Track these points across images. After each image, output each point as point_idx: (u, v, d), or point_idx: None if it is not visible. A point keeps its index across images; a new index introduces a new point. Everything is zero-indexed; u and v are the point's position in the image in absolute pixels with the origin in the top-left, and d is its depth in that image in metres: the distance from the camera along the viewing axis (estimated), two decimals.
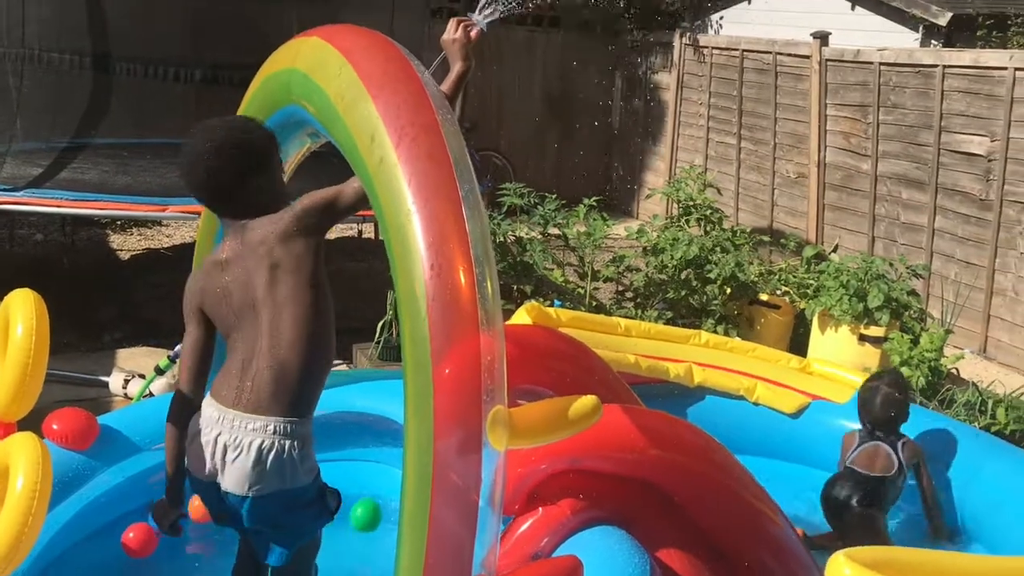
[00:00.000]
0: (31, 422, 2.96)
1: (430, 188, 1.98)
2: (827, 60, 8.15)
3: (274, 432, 2.35)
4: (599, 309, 6.29)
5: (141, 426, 3.46)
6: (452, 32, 2.65)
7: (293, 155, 3.06)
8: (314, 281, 2.40)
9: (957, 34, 8.05)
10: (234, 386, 2.40)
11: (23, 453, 2.07)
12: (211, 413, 2.42)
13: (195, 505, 3.33)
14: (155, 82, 7.07)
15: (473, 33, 2.65)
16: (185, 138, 2.49)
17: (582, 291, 6.58)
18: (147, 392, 4.45)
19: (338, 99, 2.24)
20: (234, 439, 2.36)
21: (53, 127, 7.09)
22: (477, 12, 2.68)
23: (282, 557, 2.48)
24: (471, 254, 1.94)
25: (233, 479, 2.37)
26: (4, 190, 5.80)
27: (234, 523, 2.52)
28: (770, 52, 8.87)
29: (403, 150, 2.02)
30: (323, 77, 2.35)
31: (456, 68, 2.60)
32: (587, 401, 2.10)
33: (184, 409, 2.50)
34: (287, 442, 2.36)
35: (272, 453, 2.35)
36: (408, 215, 1.97)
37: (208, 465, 2.40)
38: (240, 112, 3.12)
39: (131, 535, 3.07)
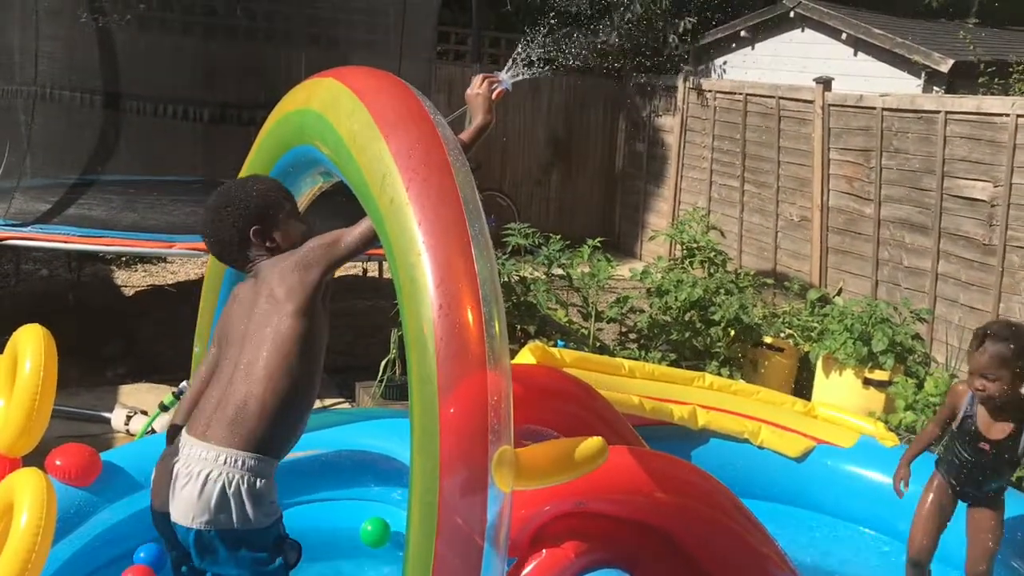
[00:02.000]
0: (33, 457, 2.96)
1: (440, 229, 2.00)
2: (830, 105, 8.21)
3: (224, 463, 2.28)
4: (603, 350, 6.28)
5: (144, 463, 3.45)
6: (476, 87, 2.70)
7: (305, 193, 3.10)
8: (305, 313, 2.39)
9: (959, 81, 8.12)
10: (202, 417, 2.37)
11: (28, 489, 2.07)
12: (180, 442, 2.40)
13: None
14: (164, 120, 7.15)
15: (497, 91, 2.70)
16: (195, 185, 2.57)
17: (586, 332, 6.58)
18: (150, 429, 4.44)
19: (351, 139, 2.26)
20: (186, 467, 2.30)
21: (62, 164, 7.15)
22: (504, 71, 2.73)
23: None
24: (479, 294, 1.95)
25: (179, 509, 2.30)
26: (12, 225, 5.83)
27: (188, 560, 2.43)
28: (773, 96, 8.95)
29: (414, 191, 2.04)
30: (336, 117, 2.37)
31: (477, 121, 2.64)
32: (593, 443, 2.09)
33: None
34: (236, 475, 2.28)
35: (218, 485, 2.27)
36: (418, 255, 1.98)
37: (161, 494, 2.35)
38: (253, 150, 3.16)
39: None
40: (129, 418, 5.07)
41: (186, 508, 2.28)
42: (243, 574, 2.36)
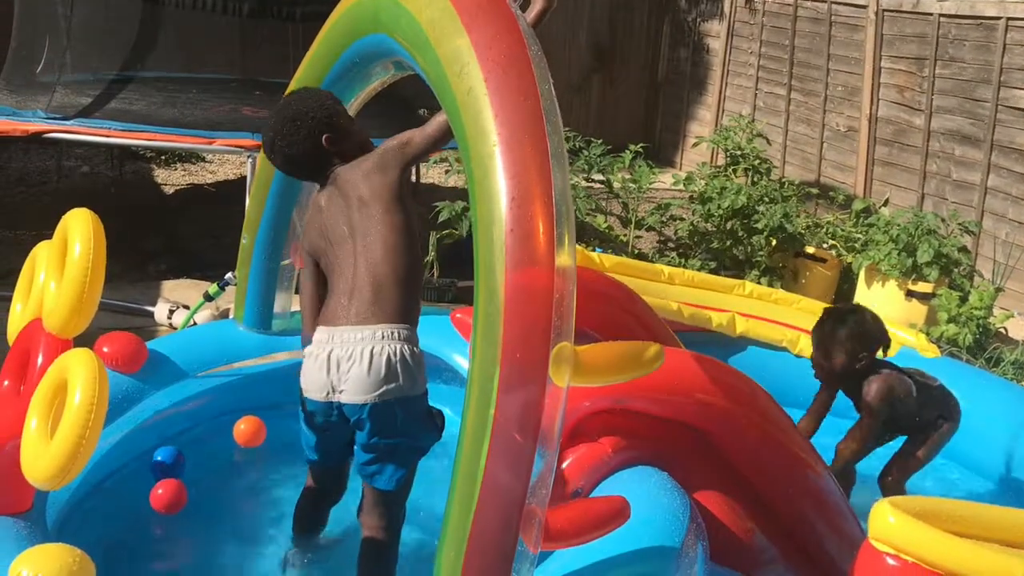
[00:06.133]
0: (80, 346, 3.00)
1: (517, 122, 2.00)
2: (884, 11, 7.93)
3: (382, 337, 2.48)
4: (641, 258, 6.24)
5: (188, 352, 3.52)
6: None
7: (373, 85, 3.13)
8: (397, 206, 2.58)
9: None
10: (339, 307, 2.56)
11: (81, 368, 2.10)
12: (320, 336, 2.57)
13: (241, 429, 3.38)
14: (204, 14, 7.04)
15: None
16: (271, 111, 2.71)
17: (624, 239, 6.54)
18: (192, 321, 4.50)
19: (430, 28, 2.25)
20: (346, 352, 2.49)
21: (102, 58, 7.10)
22: None
23: (393, 479, 2.57)
24: (552, 190, 1.96)
25: (351, 389, 2.48)
26: (54, 119, 5.83)
27: (341, 450, 2.68)
28: (825, 1, 8.65)
29: (493, 82, 2.04)
30: (415, 5, 2.35)
31: (539, 5, 2.64)
32: (653, 348, 2.12)
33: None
34: (396, 345, 2.48)
35: (384, 357, 2.46)
36: (493, 146, 1.99)
37: (324, 383, 2.52)
38: (317, 41, 3.15)
39: (160, 491, 2.97)
40: (172, 312, 5.14)
41: (358, 386, 2.48)
42: (407, 444, 2.58)
